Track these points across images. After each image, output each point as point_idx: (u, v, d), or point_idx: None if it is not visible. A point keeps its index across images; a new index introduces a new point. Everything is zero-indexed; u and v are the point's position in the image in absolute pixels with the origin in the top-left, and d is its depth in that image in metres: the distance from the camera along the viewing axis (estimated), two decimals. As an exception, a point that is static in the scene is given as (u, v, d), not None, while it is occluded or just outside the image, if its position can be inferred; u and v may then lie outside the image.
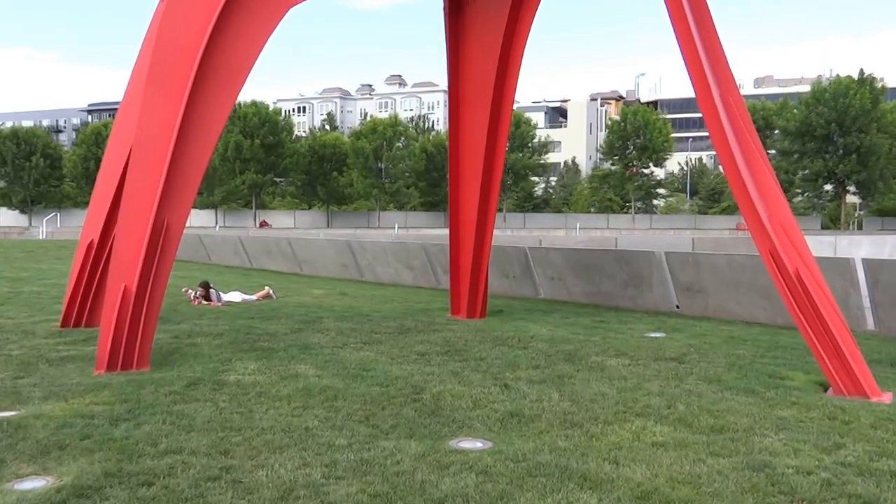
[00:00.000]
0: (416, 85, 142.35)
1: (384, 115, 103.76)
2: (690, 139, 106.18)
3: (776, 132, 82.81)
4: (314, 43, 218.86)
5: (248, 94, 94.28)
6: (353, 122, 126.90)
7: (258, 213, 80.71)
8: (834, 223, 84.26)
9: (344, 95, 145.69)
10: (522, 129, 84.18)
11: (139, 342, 9.08)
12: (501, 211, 79.08)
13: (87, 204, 13.99)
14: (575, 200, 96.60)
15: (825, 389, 8.36)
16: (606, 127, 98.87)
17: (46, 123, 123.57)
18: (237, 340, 11.24)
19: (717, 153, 9.13)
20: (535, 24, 12.91)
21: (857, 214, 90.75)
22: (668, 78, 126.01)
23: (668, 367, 9.48)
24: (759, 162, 8.85)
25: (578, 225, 75.57)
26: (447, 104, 14.17)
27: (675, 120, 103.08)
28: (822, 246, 28.71)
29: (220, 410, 7.26)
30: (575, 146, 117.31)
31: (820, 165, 77.92)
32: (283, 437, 6.45)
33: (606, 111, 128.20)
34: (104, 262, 11.28)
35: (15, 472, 5.59)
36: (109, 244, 10.78)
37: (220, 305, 15.63)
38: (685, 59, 9.08)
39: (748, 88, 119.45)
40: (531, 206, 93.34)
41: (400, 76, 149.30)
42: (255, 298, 16.72)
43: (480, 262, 13.80)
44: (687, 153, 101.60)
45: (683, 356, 10.16)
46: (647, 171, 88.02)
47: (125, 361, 8.98)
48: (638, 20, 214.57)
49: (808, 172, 79.86)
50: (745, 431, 6.69)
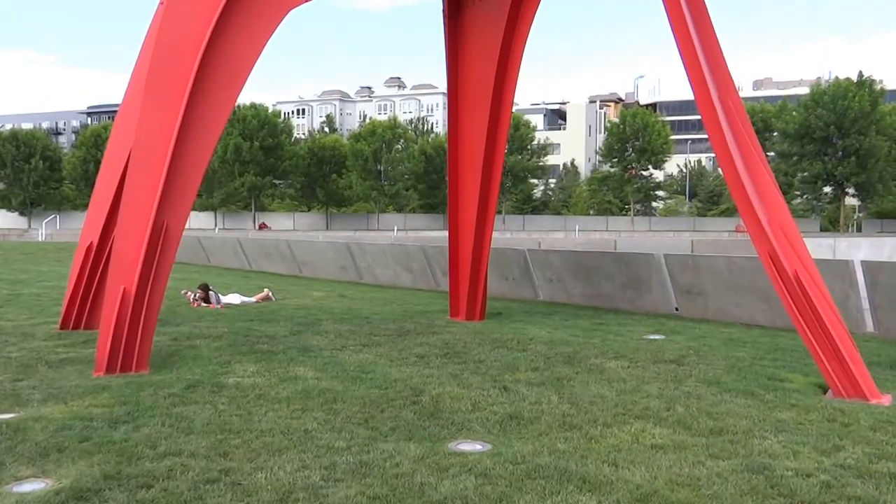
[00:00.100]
0: (415, 87, 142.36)
1: (383, 117, 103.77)
2: (689, 141, 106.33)
3: (775, 134, 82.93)
4: (313, 45, 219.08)
5: (247, 96, 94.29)
6: (352, 124, 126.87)
7: (257, 215, 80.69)
8: (833, 225, 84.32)
9: (343, 98, 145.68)
10: (521, 131, 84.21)
11: (138, 344, 9.08)
12: (500, 213, 79.05)
13: (86, 206, 13.99)
14: (574, 202, 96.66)
15: (824, 392, 8.36)
16: (605, 129, 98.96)
17: (46, 126, 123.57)
18: (236, 343, 11.23)
19: (716, 155, 9.14)
20: (534, 26, 12.94)
21: (856, 216, 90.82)
22: (667, 80, 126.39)
23: (667, 369, 9.49)
24: (758, 164, 8.86)
25: (577, 227, 75.60)
26: (446, 106, 14.17)
27: (674, 122, 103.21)
28: (821, 248, 28.74)
29: (219, 413, 7.26)
30: (574, 148, 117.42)
31: (819, 167, 78.01)
32: (282, 439, 6.45)
33: (605, 113, 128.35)
34: (104, 264, 11.29)
35: (14, 474, 5.59)
36: (109, 246, 10.77)
37: (219, 307, 15.63)
38: (684, 61, 9.09)
39: (747, 90, 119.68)
40: (530, 208, 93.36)
41: (399, 78, 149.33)
42: (254, 300, 16.72)
43: (479, 264, 13.80)
44: (686, 155, 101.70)
45: (683, 358, 10.17)
46: (646, 173, 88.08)
47: (124, 364, 8.98)
48: (637, 22, 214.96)
49: (807, 175, 79.97)
50: (744, 434, 6.70)
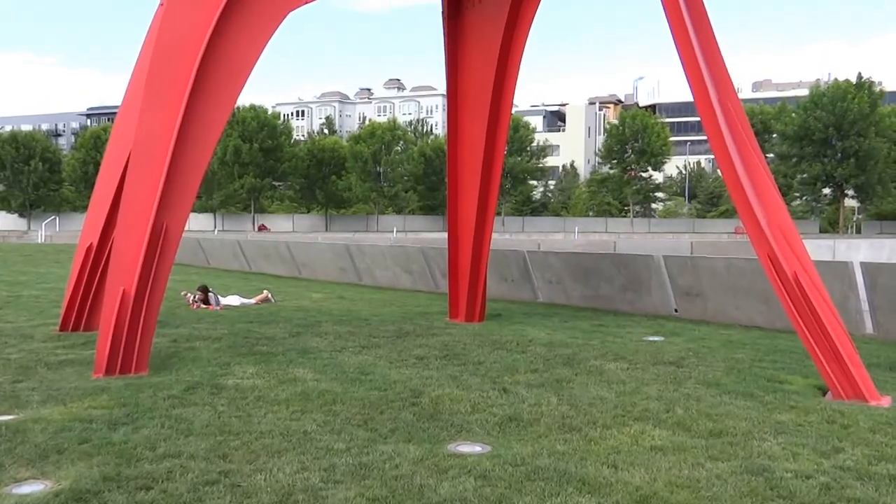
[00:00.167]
0: (414, 89, 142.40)
1: (383, 119, 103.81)
2: (689, 143, 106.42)
3: (774, 136, 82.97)
4: (313, 47, 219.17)
5: (246, 98, 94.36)
6: (351, 126, 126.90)
7: (257, 216, 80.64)
8: (832, 227, 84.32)
9: (343, 99, 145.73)
10: (521, 132, 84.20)
11: (138, 346, 9.08)
12: (500, 214, 79.05)
13: (85, 208, 13.98)
14: (573, 204, 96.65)
15: (824, 393, 8.36)
16: (605, 131, 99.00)
17: (45, 127, 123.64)
18: (236, 344, 11.23)
19: (715, 157, 9.14)
20: (533, 28, 12.96)
21: (855, 218, 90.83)
22: (666, 82, 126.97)
23: (666, 370, 9.49)
24: (757, 166, 8.86)
25: (577, 229, 75.55)
26: (446, 108, 14.18)
27: (673, 124, 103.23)
28: (820, 250, 28.73)
29: (218, 414, 7.26)
30: (573, 150, 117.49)
31: (818, 169, 78.02)
32: (281, 441, 6.45)
33: (605, 115, 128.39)
34: (103, 265, 11.29)
35: (13, 476, 5.59)
36: (108, 248, 10.78)
37: (218, 309, 15.62)
38: (683, 63, 9.10)
39: (746, 92, 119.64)
40: (530, 209, 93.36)
41: (399, 80, 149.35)
42: (253, 302, 16.72)
43: (479, 265, 13.80)
44: (685, 157, 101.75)
45: (682, 360, 10.17)
46: (645, 174, 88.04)
47: (124, 365, 8.98)
48: (636, 24, 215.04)
49: (806, 176, 79.98)
50: (743, 435, 6.70)
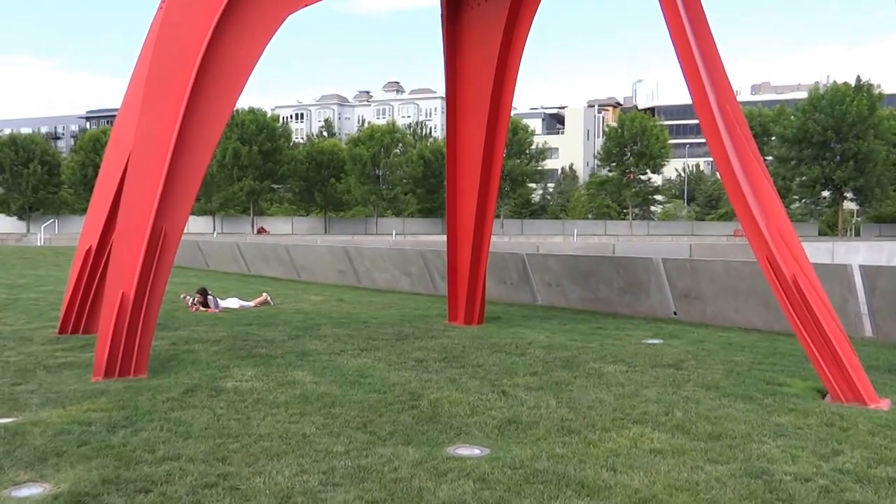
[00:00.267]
0: (413, 92, 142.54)
1: (382, 121, 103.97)
2: (688, 146, 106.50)
3: (773, 139, 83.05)
4: (312, 49, 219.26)
5: (245, 100, 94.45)
6: (350, 128, 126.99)
7: (256, 219, 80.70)
8: (831, 229, 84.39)
9: (341, 102, 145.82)
10: (520, 135, 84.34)
11: (137, 349, 9.07)
12: (499, 217, 79.13)
13: (85, 210, 13.99)
14: (572, 207, 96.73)
15: (823, 396, 8.36)
16: (604, 133, 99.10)
17: (45, 130, 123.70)
18: (235, 347, 11.23)
19: (714, 160, 9.15)
20: (532, 30, 12.96)
21: (854, 221, 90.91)
22: (665, 84, 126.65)
23: (665, 373, 9.48)
24: (756, 169, 8.87)
25: (576, 231, 75.54)
26: (445, 111, 14.19)
27: (672, 126, 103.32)
28: (819, 252, 28.73)
29: (217, 417, 7.26)
30: (572, 153, 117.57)
31: (817, 172, 78.09)
32: (280, 443, 6.45)
33: (604, 118, 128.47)
34: (102, 268, 11.28)
35: (12, 479, 5.58)
36: (108, 251, 10.77)
37: (217, 312, 15.62)
38: (682, 66, 9.11)
39: (745, 95, 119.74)
40: (528, 212, 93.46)
41: (398, 83, 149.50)
42: (252, 305, 16.71)
43: (478, 268, 13.80)
44: (684, 160, 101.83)
45: (681, 363, 10.16)
46: (644, 177, 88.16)
47: (123, 368, 8.97)
48: (635, 27, 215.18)
49: (805, 179, 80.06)
50: (742, 438, 6.69)
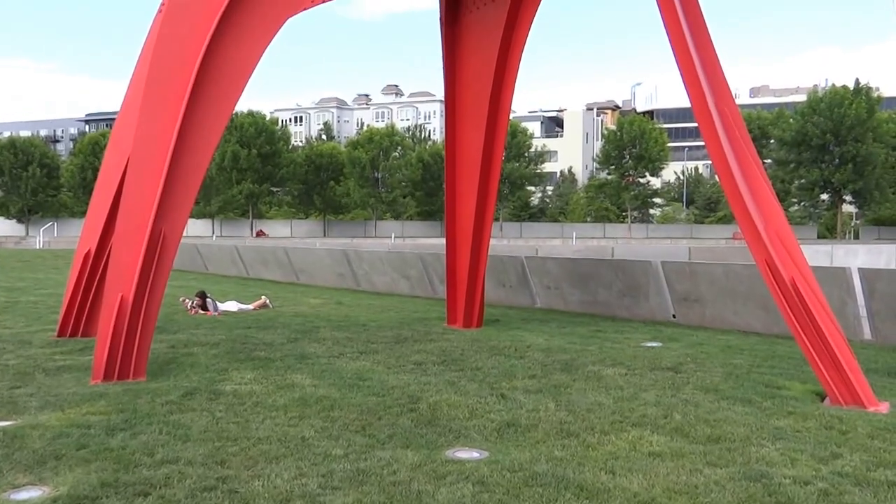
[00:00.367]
0: (412, 95, 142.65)
1: (381, 124, 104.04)
2: (686, 148, 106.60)
3: (772, 142, 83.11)
4: (311, 53, 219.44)
5: (244, 104, 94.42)
6: (349, 131, 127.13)
7: (255, 222, 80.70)
8: (830, 232, 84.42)
9: (341, 105, 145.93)
10: (519, 138, 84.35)
11: (136, 352, 9.07)
12: (498, 220, 79.16)
13: (84, 213, 13.98)
14: (571, 210, 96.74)
15: (822, 399, 8.36)
16: (602, 136, 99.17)
17: (44, 133, 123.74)
18: (234, 350, 11.22)
19: (713, 163, 9.16)
20: (531, 33, 12.97)
21: (853, 224, 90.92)
22: (664, 88, 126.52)
23: (664, 376, 9.48)
24: (754, 172, 8.88)
25: (575, 234, 75.58)
26: (444, 114, 14.20)
27: (671, 129, 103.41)
28: (818, 255, 28.73)
29: (216, 420, 7.25)
30: (571, 156, 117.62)
31: (816, 175, 78.12)
32: (279, 446, 6.44)
33: (603, 121, 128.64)
34: (101, 271, 11.28)
35: (11, 482, 5.58)
36: (107, 254, 10.78)
37: (216, 315, 15.61)
38: (681, 69, 9.12)
39: (744, 98, 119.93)
40: (527, 215, 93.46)
41: (397, 86, 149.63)
42: (251, 308, 16.71)
43: (477, 271, 13.81)
44: (683, 162, 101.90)
45: (680, 366, 10.17)
46: (643, 180, 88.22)
47: (122, 371, 8.97)
48: (634, 30, 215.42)
49: (804, 182, 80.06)
50: (741, 441, 6.70)
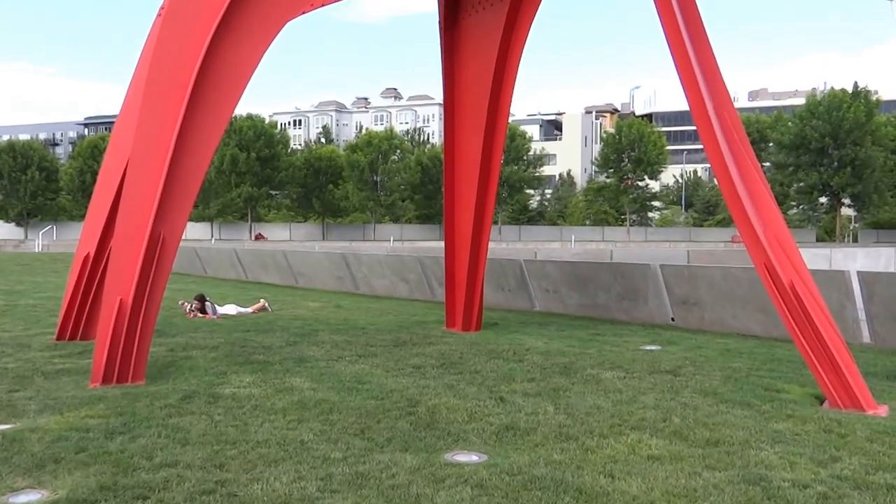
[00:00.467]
0: (411, 98, 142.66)
1: (380, 128, 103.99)
2: (685, 152, 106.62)
3: (771, 145, 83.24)
4: (310, 56, 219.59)
5: (243, 107, 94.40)
6: (348, 135, 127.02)
7: (254, 225, 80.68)
8: (829, 236, 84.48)
9: (339, 109, 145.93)
10: (517, 141, 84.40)
11: (134, 355, 9.07)
12: (497, 223, 79.11)
13: (83, 217, 13.99)
14: (570, 213, 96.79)
15: (821, 402, 8.37)
16: (601, 140, 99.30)
17: (43, 137, 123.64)
18: (232, 353, 11.22)
19: (711, 166, 9.17)
20: (529, 37, 12.98)
21: (851, 227, 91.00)
22: (662, 91, 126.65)
23: (663, 379, 9.49)
24: (753, 175, 8.89)
25: (574, 237, 75.66)
26: (443, 117, 14.21)
27: (669, 133, 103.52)
28: (817, 258, 28.76)
29: (215, 424, 7.25)
30: (570, 159, 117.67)
31: (815, 178, 78.24)
32: (278, 450, 6.44)
33: (601, 124, 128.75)
34: (100, 274, 11.27)
35: (10, 485, 5.57)
36: (106, 257, 10.77)
37: (215, 318, 15.61)
38: (679, 73, 9.14)
39: (742, 101, 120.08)
40: (526, 218, 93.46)
41: (395, 89, 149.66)
42: (250, 311, 16.70)
43: (476, 274, 13.81)
44: (682, 166, 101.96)
45: (679, 369, 10.17)
46: (641, 183, 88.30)
47: (120, 374, 8.97)
48: (633, 34, 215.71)
49: (802, 185, 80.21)
50: (740, 445, 6.70)
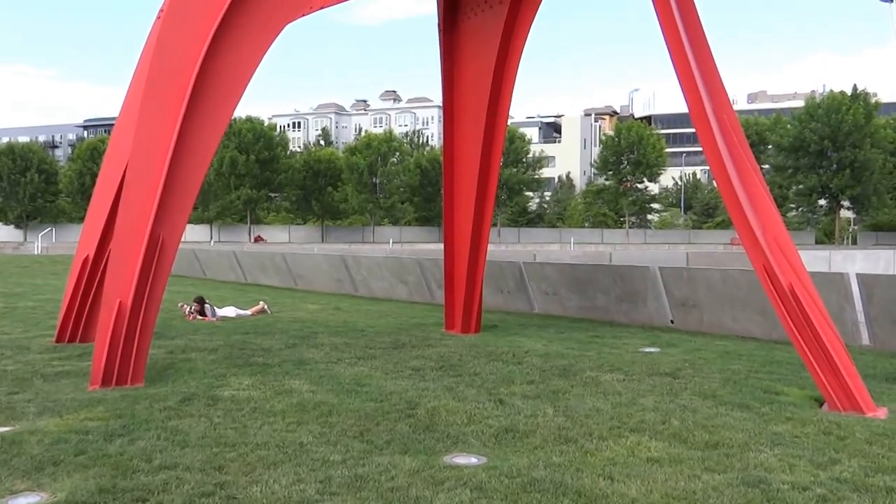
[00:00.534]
0: (410, 100, 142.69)
1: (379, 130, 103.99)
2: (684, 154, 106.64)
3: (770, 147, 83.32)
4: (309, 59, 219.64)
5: (243, 109, 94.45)
6: (347, 137, 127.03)
7: (253, 228, 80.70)
8: (828, 238, 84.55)
9: (339, 111, 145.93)
10: (517, 144, 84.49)
11: (134, 357, 9.07)
12: (496, 226, 79.14)
13: (82, 219, 14.00)
14: (569, 215, 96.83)
15: (820, 405, 8.37)
16: (600, 142, 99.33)
17: (42, 139, 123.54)
18: (232, 356, 11.21)
19: (710, 169, 9.18)
20: (529, 39, 12.99)
21: (851, 229, 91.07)
22: (661, 93, 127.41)
23: (662, 382, 9.49)
24: (752, 177, 8.90)
25: (573, 240, 75.67)
26: (442, 119, 14.22)
27: (668, 135, 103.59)
28: (816, 261, 28.80)
29: (214, 426, 7.25)
30: (569, 161, 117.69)
31: (814, 180, 78.32)
32: (277, 452, 6.44)
33: (600, 126, 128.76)
34: (100, 277, 11.27)
35: (9, 488, 5.57)
36: (105, 259, 10.77)
37: (214, 320, 15.60)
38: (679, 75, 9.15)
39: (741, 104, 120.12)
40: (525, 220, 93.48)
41: (395, 92, 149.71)
42: (249, 313, 16.69)
43: (475, 276, 13.82)
44: (681, 168, 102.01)
45: (678, 371, 10.17)
46: (641, 186, 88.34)
47: (120, 377, 8.96)
48: (632, 36, 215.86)
49: (802, 187, 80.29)
50: (739, 447, 6.70)
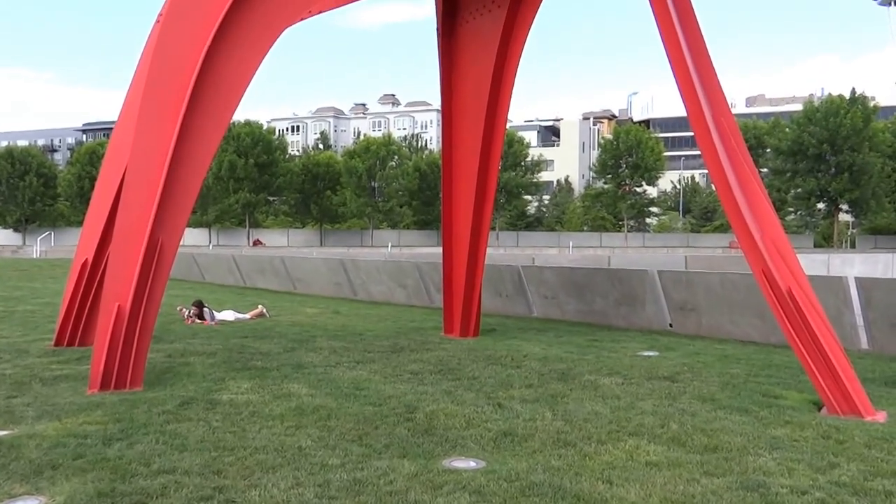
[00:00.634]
0: (409, 104, 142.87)
1: (378, 134, 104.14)
2: (683, 158, 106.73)
3: (768, 151, 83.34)
4: (308, 62, 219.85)
5: (241, 113, 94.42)
6: (346, 141, 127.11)
7: (252, 231, 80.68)
8: (827, 241, 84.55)
9: (337, 115, 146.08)
10: (515, 147, 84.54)
11: (132, 361, 9.06)
12: (494, 229, 79.06)
13: (81, 223, 13.99)
14: (568, 219, 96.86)
15: (819, 408, 8.37)
16: (599, 146, 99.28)
17: (41, 143, 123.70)
18: (230, 359, 11.20)
19: (709, 173, 9.19)
20: (528, 43, 13.01)
21: (849, 233, 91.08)
22: (660, 97, 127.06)
23: (661, 386, 9.48)
24: (751, 181, 8.91)
25: (571, 243, 75.65)
26: (440, 123, 14.23)
27: (667, 139, 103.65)
28: (814, 264, 28.77)
29: (213, 430, 7.24)
30: (568, 165, 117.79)
31: (812, 184, 78.34)
32: (275, 456, 6.43)
33: (599, 130, 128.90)
34: (98, 280, 11.26)
35: (8, 491, 5.56)
36: (104, 263, 10.76)
37: (213, 324, 15.59)
38: (677, 79, 9.16)
39: (740, 107, 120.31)
40: (524, 224, 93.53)
41: (393, 95, 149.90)
42: (248, 317, 16.69)
43: (474, 280, 13.81)
44: (679, 171, 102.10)
45: (677, 375, 10.17)
46: (639, 189, 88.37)
47: (118, 381, 8.95)
48: (631, 40, 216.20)
49: (800, 191, 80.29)
50: (738, 451, 6.69)
